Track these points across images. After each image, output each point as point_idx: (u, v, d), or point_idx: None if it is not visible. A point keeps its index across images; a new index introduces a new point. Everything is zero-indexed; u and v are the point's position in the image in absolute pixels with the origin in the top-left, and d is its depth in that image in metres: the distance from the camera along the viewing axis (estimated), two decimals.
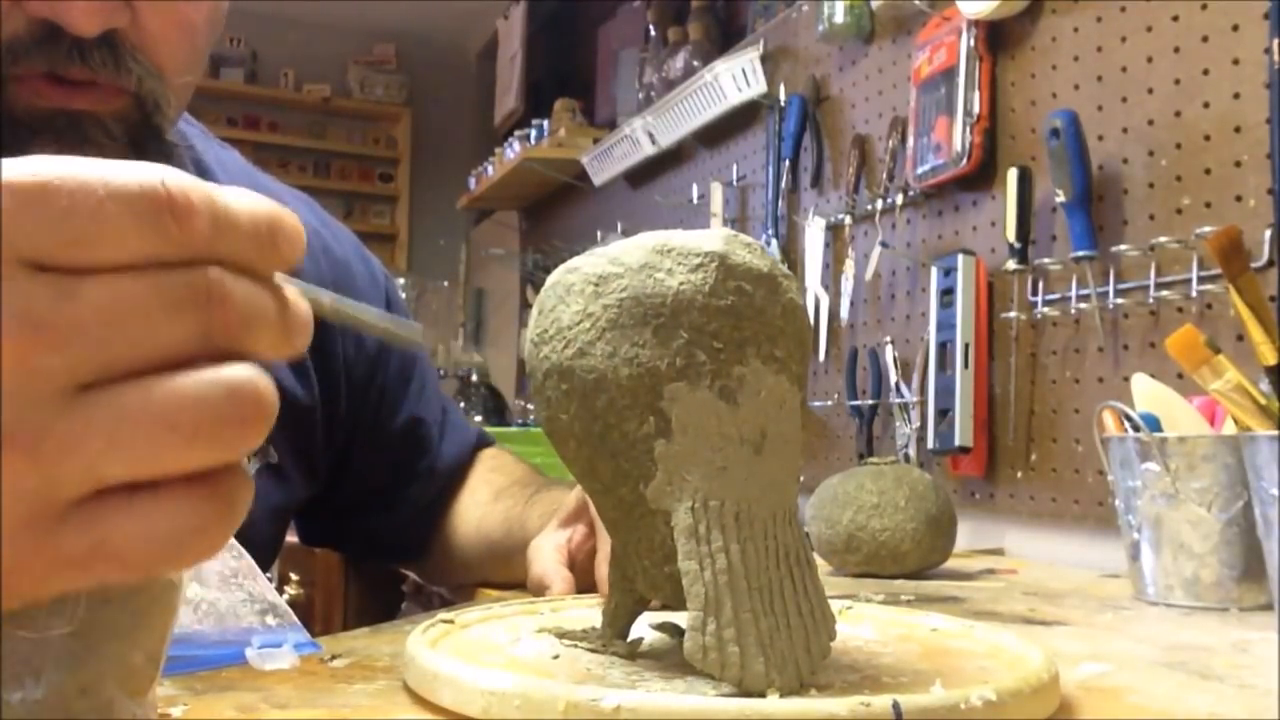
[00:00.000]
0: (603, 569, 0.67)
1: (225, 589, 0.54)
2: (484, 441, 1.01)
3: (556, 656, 0.51)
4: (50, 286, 0.25)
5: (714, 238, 0.46)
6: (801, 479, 0.83)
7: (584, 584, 0.72)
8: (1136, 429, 0.82)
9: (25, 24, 0.55)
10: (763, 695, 0.42)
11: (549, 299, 0.47)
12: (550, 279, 0.48)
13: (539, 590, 0.73)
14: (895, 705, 0.39)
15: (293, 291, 0.29)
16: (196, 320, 0.26)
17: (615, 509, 0.48)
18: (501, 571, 0.86)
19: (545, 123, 2.79)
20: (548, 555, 0.74)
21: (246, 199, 0.28)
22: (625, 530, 0.49)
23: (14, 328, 0.24)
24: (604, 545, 0.68)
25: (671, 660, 0.50)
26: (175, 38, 0.60)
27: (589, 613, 0.62)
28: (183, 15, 0.60)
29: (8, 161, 0.25)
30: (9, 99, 0.55)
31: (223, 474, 0.27)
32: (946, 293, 1.31)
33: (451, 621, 0.57)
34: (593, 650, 0.52)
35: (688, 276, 0.45)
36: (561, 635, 0.55)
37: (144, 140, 0.60)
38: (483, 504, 0.91)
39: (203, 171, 0.79)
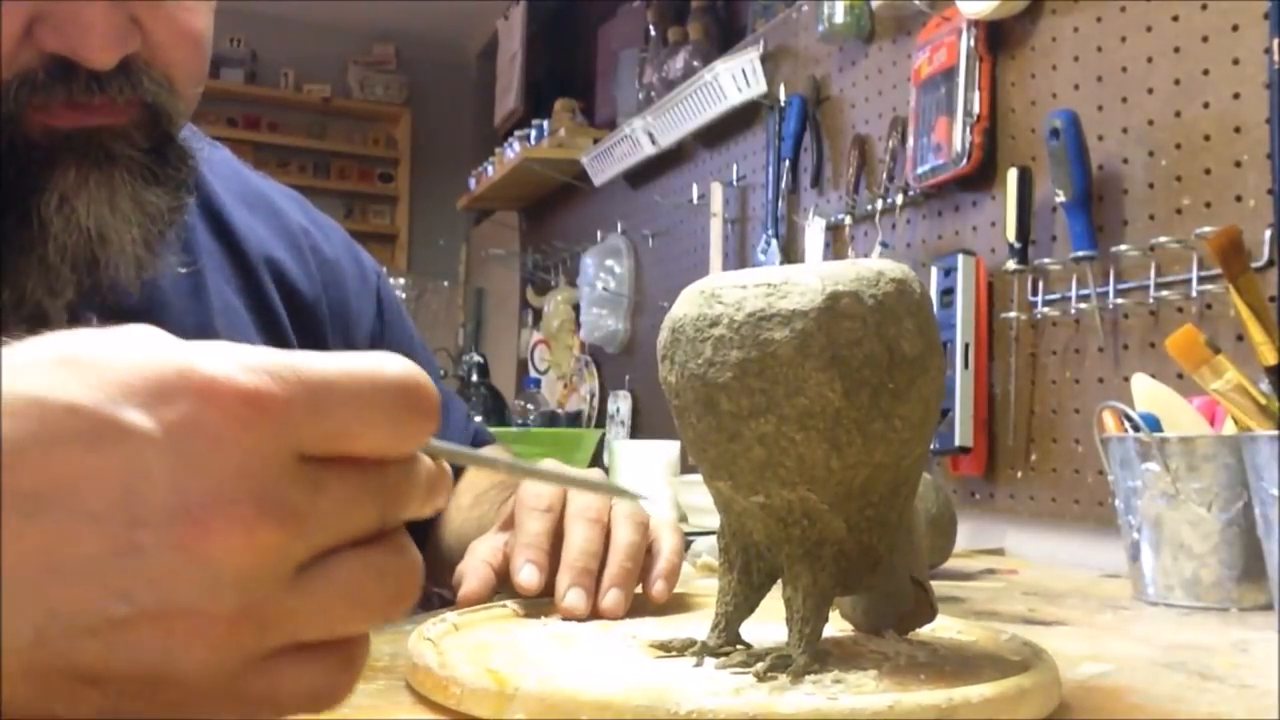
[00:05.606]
0: (529, 574, 0.65)
1: None
2: (481, 441, 1.01)
3: (560, 657, 0.51)
4: (307, 478, 0.28)
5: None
6: None
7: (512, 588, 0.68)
8: (1136, 429, 0.82)
9: (38, 58, 0.55)
10: None
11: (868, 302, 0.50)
12: (835, 284, 0.49)
13: (457, 585, 0.70)
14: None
15: (429, 463, 0.32)
16: (380, 509, 0.30)
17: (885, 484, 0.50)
18: None
19: (545, 123, 2.78)
20: (477, 554, 0.71)
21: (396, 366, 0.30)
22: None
23: (279, 516, 0.27)
24: (522, 550, 0.67)
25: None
26: (184, 48, 0.60)
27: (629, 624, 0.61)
28: (188, 25, 0.60)
29: (307, 356, 0.28)
30: (24, 127, 0.56)
31: (359, 639, 0.30)
32: (946, 293, 1.31)
33: (456, 627, 0.57)
34: (742, 667, 0.47)
35: None
36: (669, 648, 0.51)
37: (163, 147, 0.61)
38: (463, 508, 0.90)
39: None
